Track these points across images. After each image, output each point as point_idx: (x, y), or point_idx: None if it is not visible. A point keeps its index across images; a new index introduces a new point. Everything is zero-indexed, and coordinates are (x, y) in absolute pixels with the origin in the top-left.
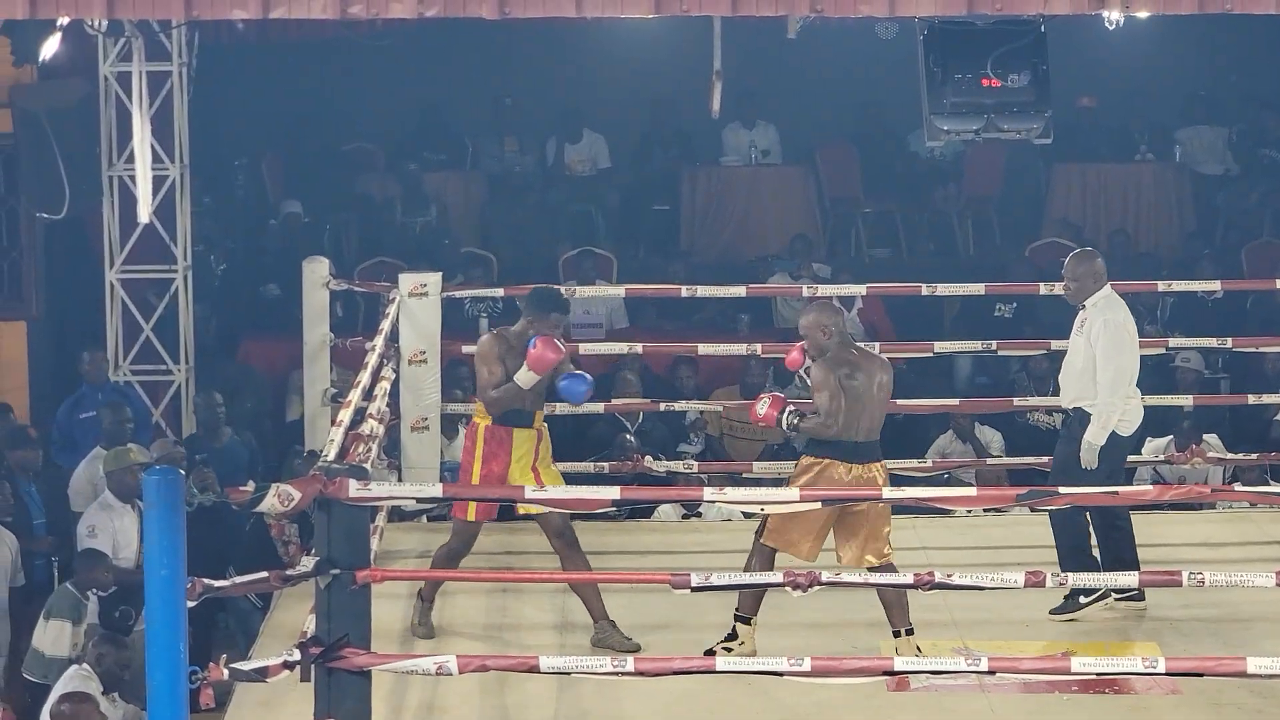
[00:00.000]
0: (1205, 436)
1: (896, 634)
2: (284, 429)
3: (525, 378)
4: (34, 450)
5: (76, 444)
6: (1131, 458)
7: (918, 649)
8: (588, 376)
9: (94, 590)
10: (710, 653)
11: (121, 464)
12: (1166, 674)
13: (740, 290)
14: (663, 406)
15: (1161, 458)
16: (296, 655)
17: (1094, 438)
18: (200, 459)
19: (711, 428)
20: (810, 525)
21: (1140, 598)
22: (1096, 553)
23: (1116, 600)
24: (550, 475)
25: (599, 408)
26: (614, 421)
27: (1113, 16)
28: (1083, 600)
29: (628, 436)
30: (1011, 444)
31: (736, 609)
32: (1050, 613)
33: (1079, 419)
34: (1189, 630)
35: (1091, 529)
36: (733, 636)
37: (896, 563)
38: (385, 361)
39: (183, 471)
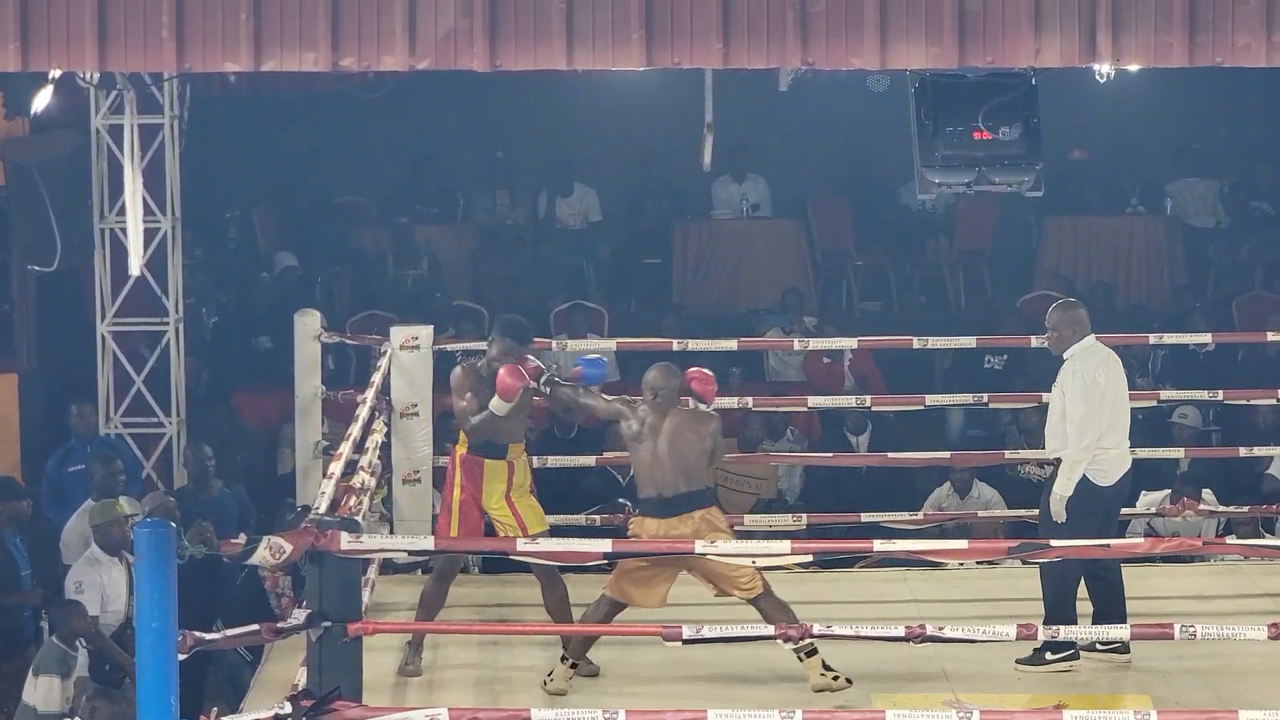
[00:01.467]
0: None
1: (803, 654)
2: (275, 482)
3: (498, 405)
4: (21, 501)
5: (66, 497)
6: (1126, 511)
7: (822, 666)
8: (603, 360)
9: (80, 641)
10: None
11: (108, 517)
12: None
13: (732, 344)
14: None
15: (1154, 511)
16: (288, 708)
17: (1060, 489)
18: (199, 514)
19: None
20: (640, 576)
21: (1125, 650)
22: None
23: (1101, 650)
24: (525, 504)
25: (590, 461)
26: (606, 474)
27: (1104, 69)
28: (1049, 656)
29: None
30: (1004, 496)
31: (564, 647)
32: (1016, 662)
33: (1060, 470)
34: (1181, 683)
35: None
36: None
37: (888, 615)
38: (377, 414)
39: (175, 524)
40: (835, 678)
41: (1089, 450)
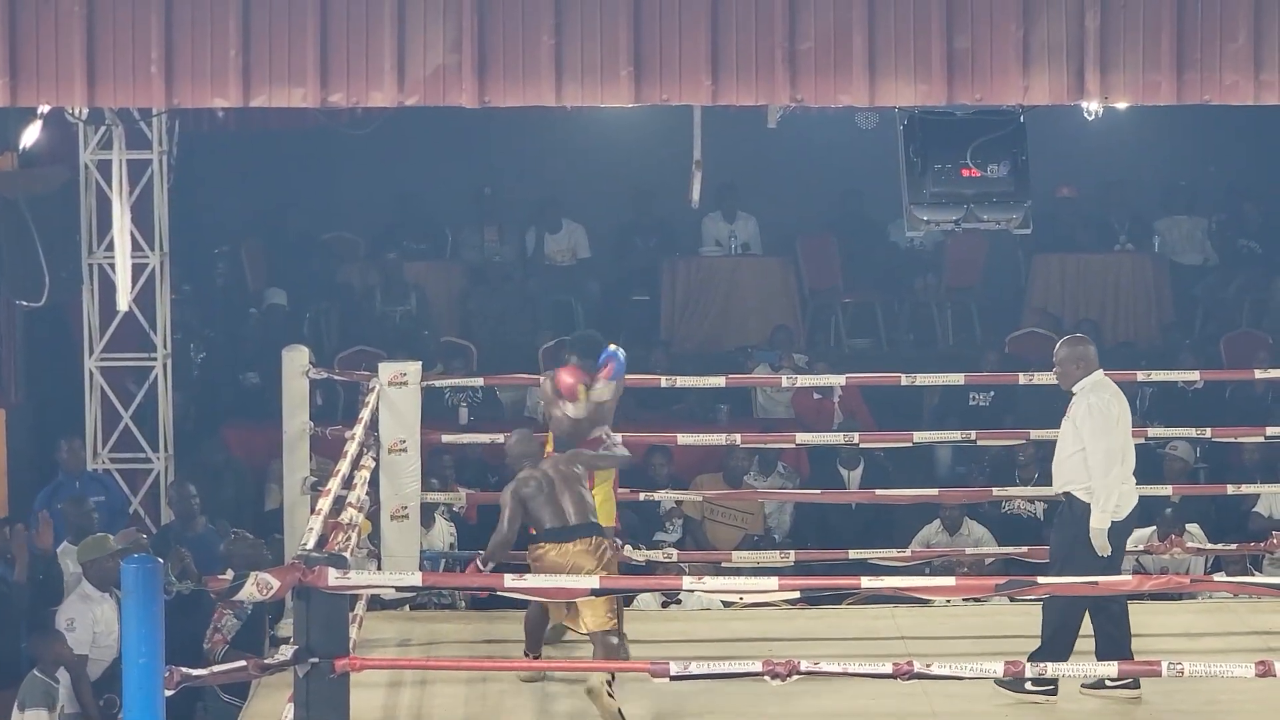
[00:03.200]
0: (1187, 526)
1: (526, 654)
2: (263, 518)
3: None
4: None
5: (56, 533)
6: None
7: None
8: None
9: (60, 672)
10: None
11: (99, 553)
12: None
13: (720, 381)
14: (642, 496)
15: (1142, 547)
16: None
17: (1098, 522)
18: (176, 545)
19: (693, 511)
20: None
21: (1135, 685)
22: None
23: (1111, 686)
24: (601, 501)
25: None
26: None
27: (1092, 107)
28: (1029, 686)
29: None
30: (994, 534)
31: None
32: (995, 682)
33: (1069, 504)
34: None
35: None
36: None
37: (876, 652)
38: (365, 450)
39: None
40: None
41: (1118, 480)
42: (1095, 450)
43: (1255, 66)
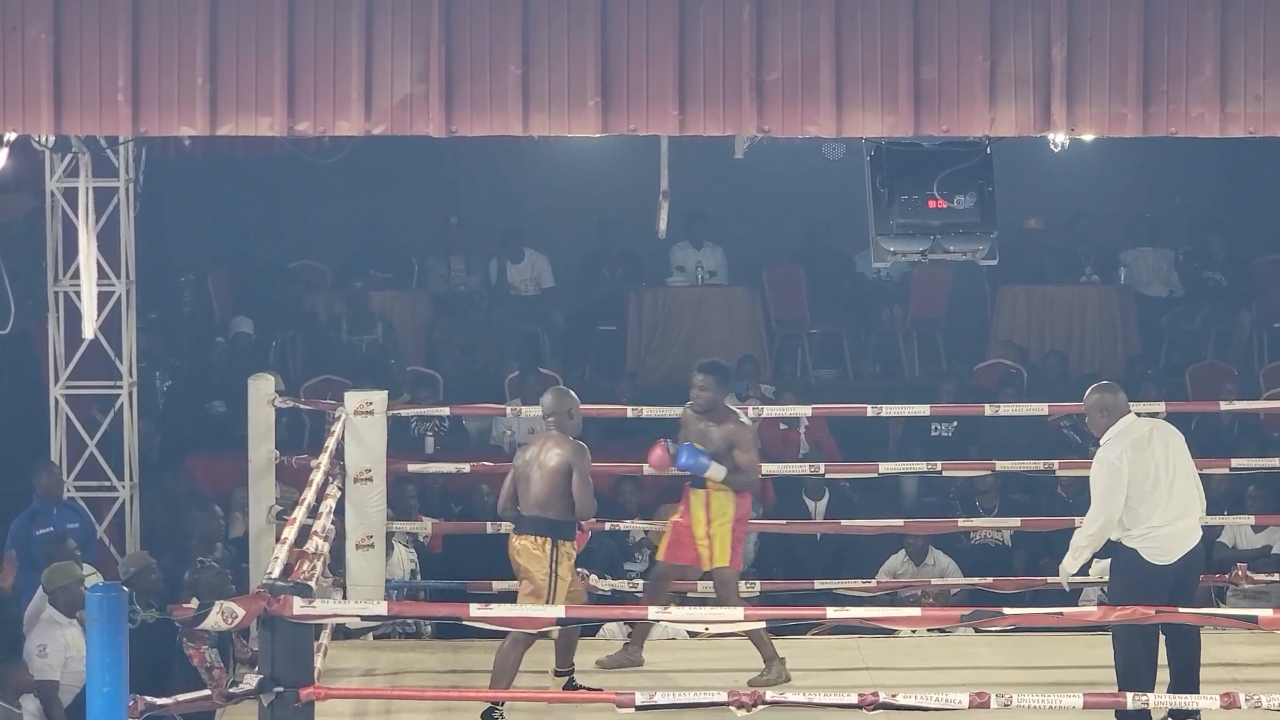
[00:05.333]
0: None
1: (558, 674)
2: (227, 546)
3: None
4: None
5: (34, 560)
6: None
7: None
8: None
9: (22, 699)
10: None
11: (67, 579)
12: None
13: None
14: (608, 525)
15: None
16: None
17: (1065, 564)
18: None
19: (658, 541)
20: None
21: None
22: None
23: None
24: (718, 536)
25: None
26: None
27: (1058, 139)
28: None
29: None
30: (960, 564)
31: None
32: None
33: (1117, 551)
34: None
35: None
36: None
37: (841, 683)
38: (331, 479)
39: (157, 585)
40: None
41: (1094, 539)
42: (1092, 502)
43: (1221, 99)
